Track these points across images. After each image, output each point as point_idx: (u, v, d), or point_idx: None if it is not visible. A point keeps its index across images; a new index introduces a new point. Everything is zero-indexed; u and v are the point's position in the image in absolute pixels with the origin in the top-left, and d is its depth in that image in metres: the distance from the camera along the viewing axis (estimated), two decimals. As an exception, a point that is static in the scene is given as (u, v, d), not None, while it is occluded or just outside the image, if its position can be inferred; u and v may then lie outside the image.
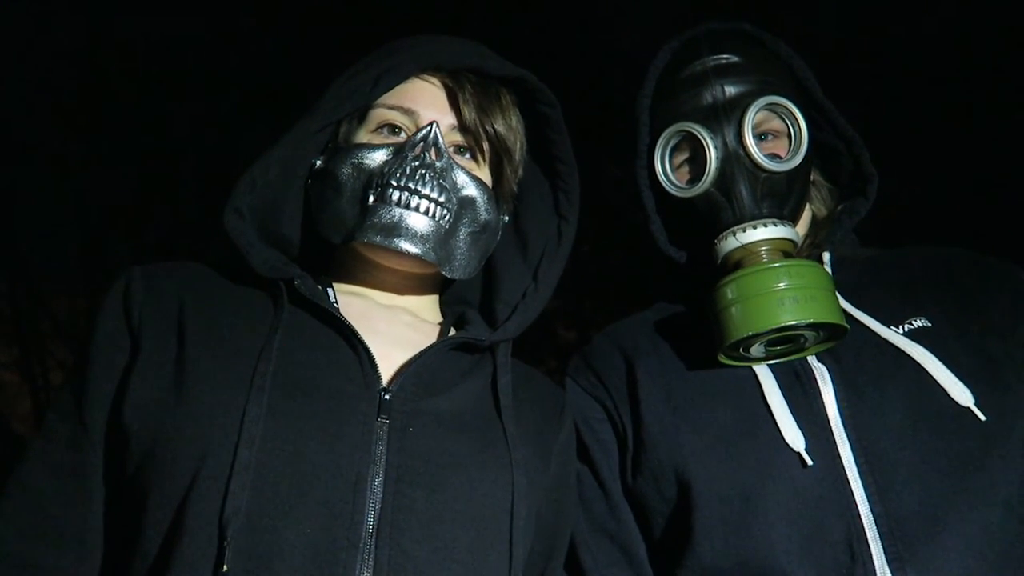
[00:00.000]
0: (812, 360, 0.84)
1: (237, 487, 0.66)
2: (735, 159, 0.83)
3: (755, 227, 0.81)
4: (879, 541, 0.74)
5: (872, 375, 0.81)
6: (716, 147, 0.84)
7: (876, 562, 0.73)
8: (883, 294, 0.88)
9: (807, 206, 0.95)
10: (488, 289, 0.94)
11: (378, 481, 0.70)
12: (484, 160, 0.86)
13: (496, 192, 0.87)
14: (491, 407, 0.81)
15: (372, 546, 0.68)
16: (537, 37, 6.41)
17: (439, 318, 0.93)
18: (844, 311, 0.85)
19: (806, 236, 0.94)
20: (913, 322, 0.83)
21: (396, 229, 0.77)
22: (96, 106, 5.83)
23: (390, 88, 0.83)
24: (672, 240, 0.96)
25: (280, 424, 0.70)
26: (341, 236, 0.82)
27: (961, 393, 0.77)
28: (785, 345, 0.83)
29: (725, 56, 0.87)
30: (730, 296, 0.80)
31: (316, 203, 0.84)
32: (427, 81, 0.84)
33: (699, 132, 0.85)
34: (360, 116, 0.85)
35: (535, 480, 0.81)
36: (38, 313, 6.21)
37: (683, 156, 0.89)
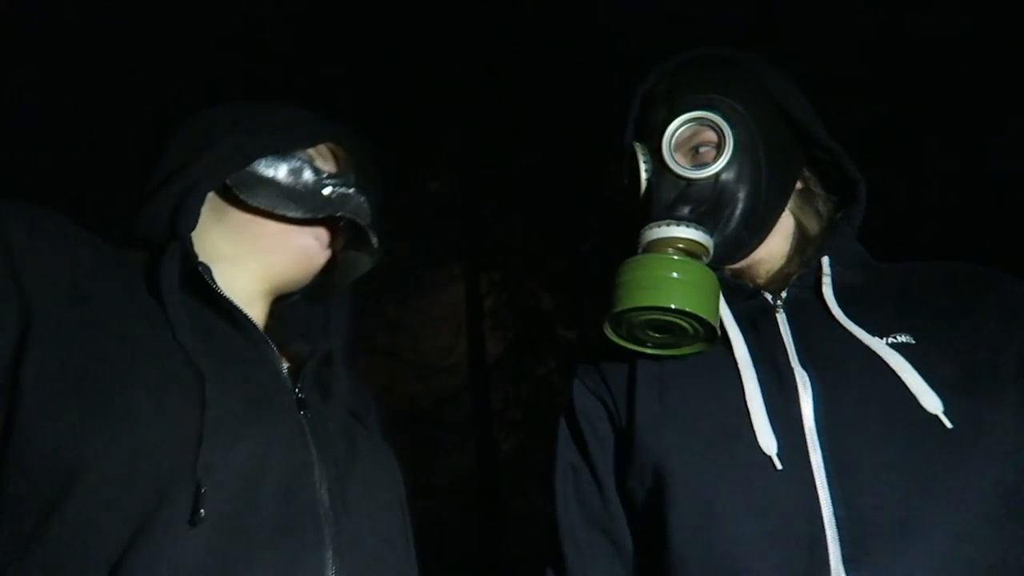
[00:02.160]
0: (796, 366, 0.87)
1: (205, 457, 0.66)
2: (661, 170, 0.93)
3: (659, 226, 0.89)
4: (838, 543, 0.77)
5: (852, 384, 0.84)
6: (646, 161, 0.95)
7: (832, 563, 0.76)
8: (877, 306, 0.90)
9: (789, 220, 0.99)
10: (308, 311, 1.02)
11: (318, 468, 0.75)
12: None
13: None
14: (345, 411, 0.89)
15: (332, 522, 0.73)
16: (538, 38, 6.41)
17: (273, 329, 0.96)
18: (834, 318, 0.88)
19: (793, 249, 0.98)
20: (898, 336, 0.86)
21: (359, 210, 0.92)
22: (96, 105, 5.83)
23: (313, 143, 0.94)
24: None
25: (231, 415, 0.70)
26: (295, 207, 0.89)
27: (931, 401, 0.80)
28: (660, 333, 0.90)
29: (683, 80, 0.97)
30: (623, 273, 0.88)
31: (252, 187, 0.87)
32: (340, 147, 0.96)
33: (636, 149, 0.96)
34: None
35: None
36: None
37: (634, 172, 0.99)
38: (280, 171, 0.87)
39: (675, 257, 0.87)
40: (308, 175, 0.88)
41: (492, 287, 7.24)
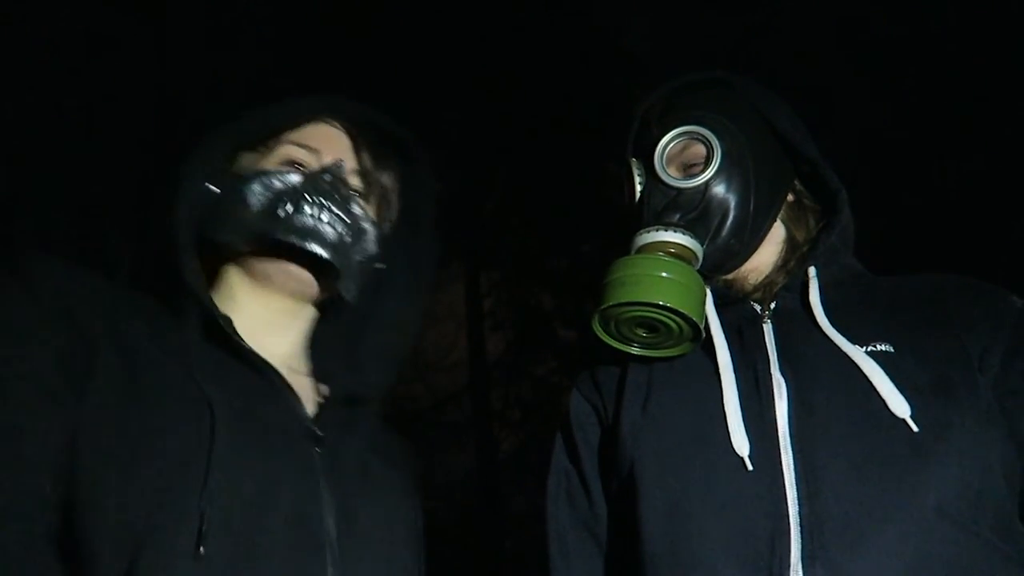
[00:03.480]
0: (775, 373, 0.90)
1: (213, 484, 0.68)
2: (652, 181, 0.98)
3: (648, 231, 0.93)
4: (800, 540, 0.80)
5: (825, 390, 0.87)
6: (640, 174, 1.00)
7: (792, 558, 0.79)
8: (862, 316, 0.93)
9: (782, 231, 1.02)
10: (351, 332, 0.97)
11: (326, 499, 0.78)
12: (372, 205, 0.94)
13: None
14: (367, 448, 0.89)
15: (335, 549, 0.76)
16: (538, 38, 6.42)
17: (305, 361, 0.95)
18: (818, 326, 0.91)
19: (780, 257, 1.01)
20: (877, 345, 0.89)
21: (310, 234, 0.84)
22: (96, 106, 5.83)
23: (298, 125, 0.92)
24: None
25: (241, 452, 0.73)
26: (248, 241, 0.86)
27: (899, 405, 0.82)
28: (647, 332, 0.93)
29: (676, 100, 1.02)
30: (612, 272, 0.92)
31: (215, 219, 0.87)
32: (332, 126, 0.93)
33: (632, 164, 1.01)
34: (263, 149, 0.91)
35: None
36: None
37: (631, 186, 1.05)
38: (240, 197, 0.85)
39: (664, 258, 0.90)
40: (260, 195, 0.84)
41: (492, 287, 7.25)
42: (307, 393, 0.87)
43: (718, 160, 0.94)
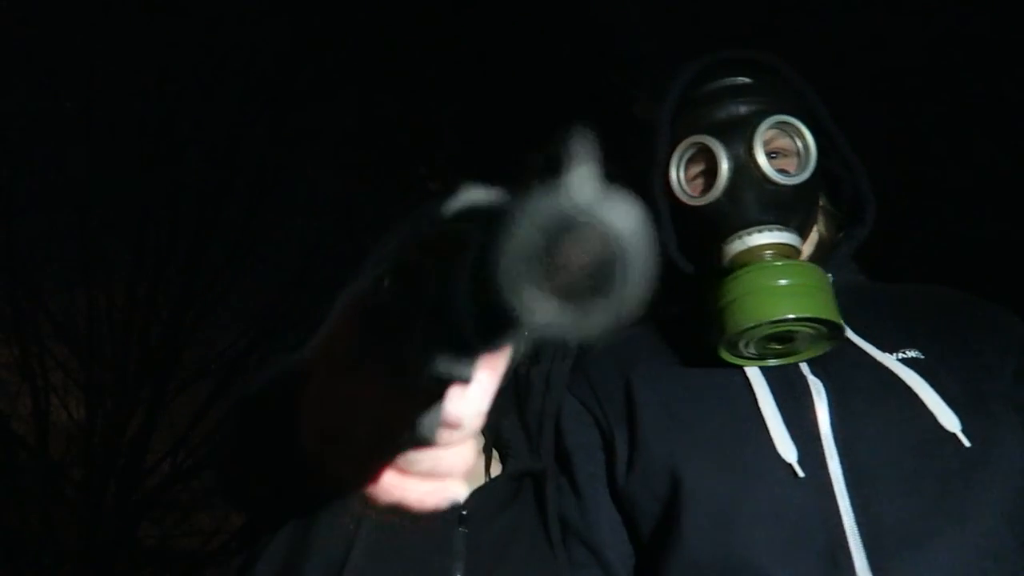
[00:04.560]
0: (807, 373, 0.87)
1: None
2: (745, 171, 0.88)
3: (760, 231, 0.85)
4: (863, 550, 0.77)
5: (865, 394, 0.84)
6: (728, 158, 0.89)
7: (859, 570, 0.77)
8: (881, 323, 0.91)
9: (815, 235, 0.99)
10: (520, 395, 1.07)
11: (460, 571, 0.84)
12: None
13: None
14: (538, 523, 0.94)
15: None
16: (538, 39, 6.41)
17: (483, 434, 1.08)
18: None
19: (811, 256, 0.98)
20: (907, 352, 0.87)
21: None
22: (96, 106, 5.83)
23: None
24: (680, 250, 1.01)
25: (386, 533, 0.82)
26: None
27: (949, 419, 0.81)
28: (780, 344, 0.86)
29: (740, 79, 0.94)
30: (732, 291, 0.84)
31: None
32: None
33: (713, 144, 0.90)
34: None
35: None
36: (38, 313, 6.21)
37: (697, 168, 0.95)
38: None
39: (781, 264, 0.83)
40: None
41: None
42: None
43: (814, 160, 0.89)
